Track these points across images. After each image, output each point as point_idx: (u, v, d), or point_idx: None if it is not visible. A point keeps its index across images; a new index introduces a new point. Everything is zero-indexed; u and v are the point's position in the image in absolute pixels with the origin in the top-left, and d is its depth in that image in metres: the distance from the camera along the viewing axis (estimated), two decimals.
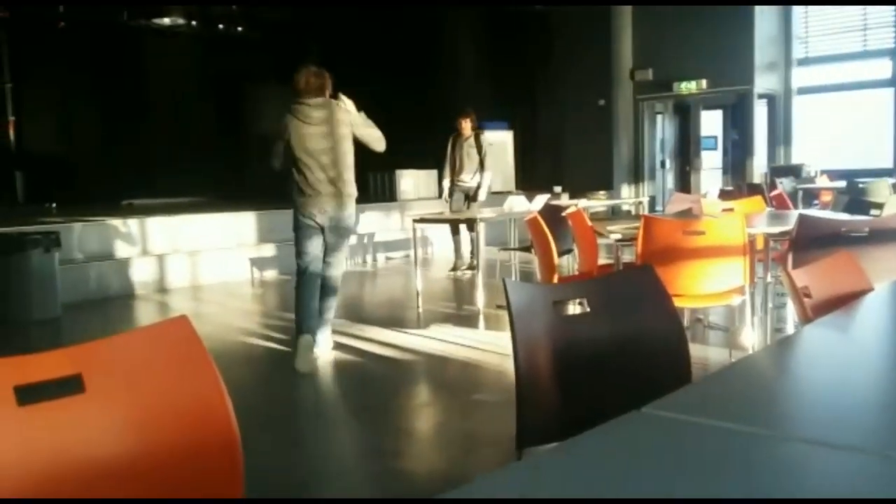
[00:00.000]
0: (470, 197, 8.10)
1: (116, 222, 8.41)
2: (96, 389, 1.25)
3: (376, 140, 4.85)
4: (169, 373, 1.34)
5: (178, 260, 8.41)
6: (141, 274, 8.04)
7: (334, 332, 5.13)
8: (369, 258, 10.10)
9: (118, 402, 1.28)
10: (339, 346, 5.29)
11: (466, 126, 8.00)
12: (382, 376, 4.66)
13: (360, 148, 4.80)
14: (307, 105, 4.66)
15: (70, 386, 1.24)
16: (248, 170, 15.83)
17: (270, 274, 9.07)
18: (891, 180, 8.89)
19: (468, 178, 8.06)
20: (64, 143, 14.18)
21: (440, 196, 8.33)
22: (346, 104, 4.84)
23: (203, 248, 8.71)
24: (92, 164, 13.85)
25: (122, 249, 8.18)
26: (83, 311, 7.09)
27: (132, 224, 8.48)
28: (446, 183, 8.16)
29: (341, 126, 4.69)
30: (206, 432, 1.31)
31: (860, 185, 8.65)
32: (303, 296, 4.71)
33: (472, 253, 8.31)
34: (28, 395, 1.20)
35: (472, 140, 8.03)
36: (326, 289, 4.80)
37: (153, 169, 14.07)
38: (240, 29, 15.08)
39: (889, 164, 11.93)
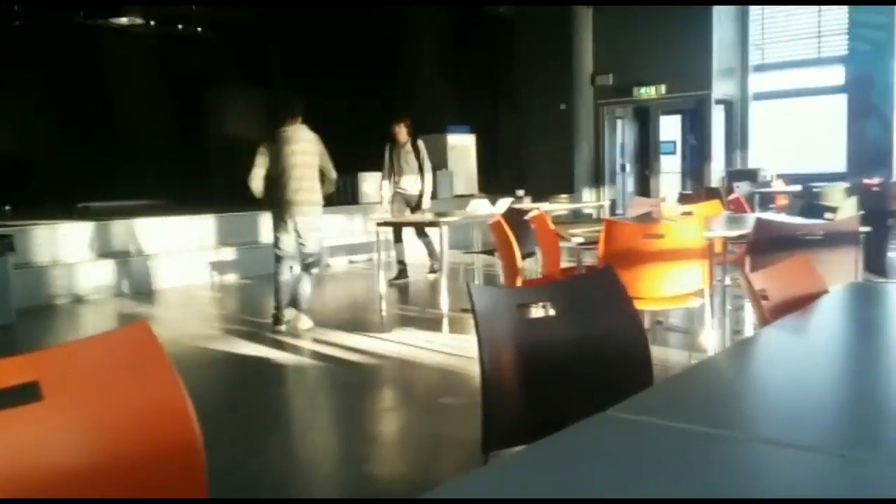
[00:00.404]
0: (413, 205, 8.06)
1: (72, 225, 8.25)
2: (54, 397, 1.23)
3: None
4: (129, 379, 1.32)
5: (136, 264, 8.27)
6: (98, 278, 7.89)
7: (295, 335, 5.09)
8: (332, 262, 10.04)
9: (77, 410, 1.25)
10: (301, 351, 5.25)
11: (402, 132, 7.94)
12: (347, 380, 4.64)
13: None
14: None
15: (27, 393, 1.21)
16: (208, 172, 15.67)
17: (230, 277, 8.97)
18: (844, 185, 9.12)
19: (409, 186, 8.03)
20: (19, 145, 13.86)
21: (381, 203, 8.27)
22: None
23: (162, 251, 8.58)
24: (48, 166, 13.57)
25: (78, 253, 8.02)
26: (38, 317, 6.93)
27: (89, 227, 8.32)
28: (386, 192, 8.09)
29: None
30: (168, 438, 1.29)
31: (815, 190, 8.86)
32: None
33: (429, 256, 8.30)
34: None
35: (408, 146, 7.99)
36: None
37: (111, 171, 13.81)
38: (199, 29, 14.89)
39: (843, 169, 12.23)
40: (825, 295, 1.97)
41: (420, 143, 8.09)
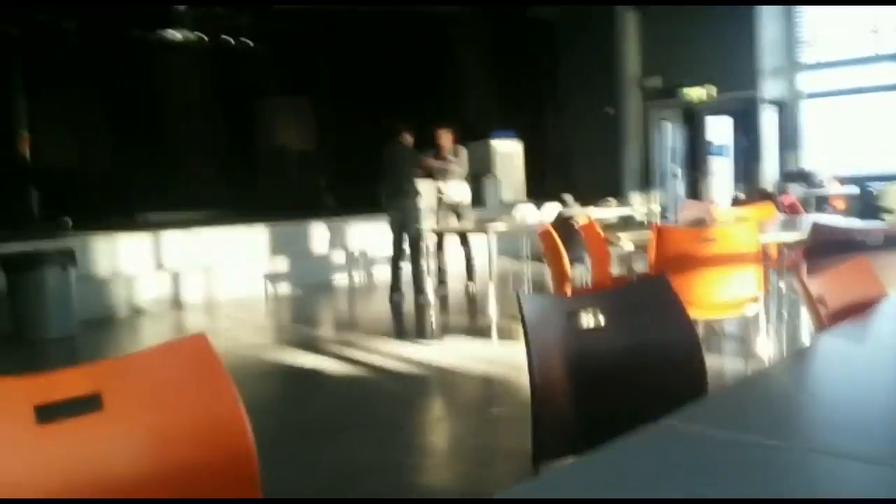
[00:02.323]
0: (459, 213, 8.02)
1: (130, 236, 8.43)
2: (115, 407, 1.26)
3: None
4: (187, 390, 1.35)
5: (192, 275, 8.43)
6: (156, 290, 8.06)
7: (348, 345, 5.14)
8: (382, 270, 10.10)
9: (136, 420, 1.29)
10: (354, 361, 5.29)
11: (446, 139, 7.94)
12: (396, 390, 4.66)
13: (370, 158, 4.93)
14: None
15: (89, 404, 1.25)
16: (259, 182, 15.91)
17: (284, 288, 9.08)
18: None
19: (453, 193, 8.01)
20: (78, 158, 14.26)
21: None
22: None
23: (216, 263, 8.73)
24: (106, 178, 13.91)
25: (136, 265, 8.21)
26: (99, 329, 7.11)
27: (146, 238, 8.50)
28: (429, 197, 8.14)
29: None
30: (224, 448, 1.32)
31: (872, 190, 8.60)
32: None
33: (467, 269, 8.19)
34: (47, 413, 1.21)
35: (452, 153, 7.98)
36: None
37: (166, 182, 14.12)
38: (249, 42, 15.17)
39: None
40: (885, 299, 1.92)
41: (463, 149, 8.07)
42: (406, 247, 7.66)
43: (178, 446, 1.30)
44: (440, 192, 8.06)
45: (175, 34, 14.11)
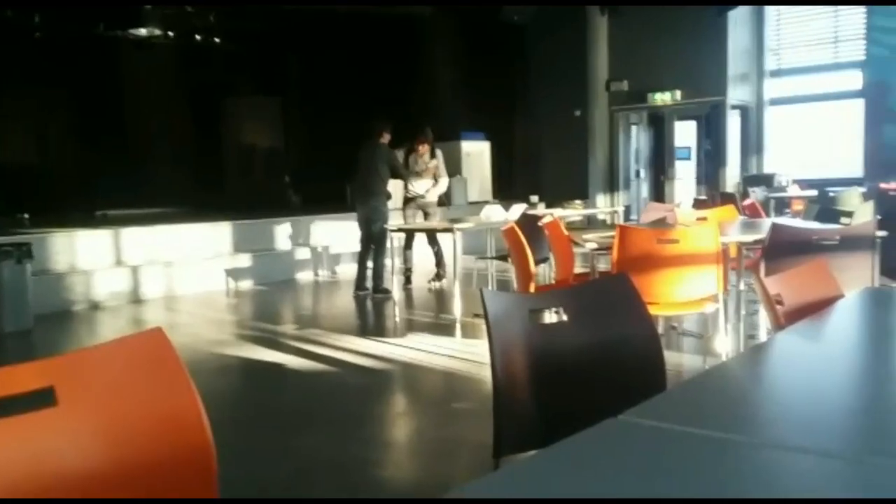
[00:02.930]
0: (428, 212, 8.07)
1: (90, 233, 8.32)
2: (69, 402, 1.24)
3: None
4: (143, 385, 1.33)
5: (152, 271, 8.33)
6: (115, 285, 7.95)
7: (310, 341, 5.11)
8: (346, 268, 10.07)
9: (91, 415, 1.26)
10: (315, 356, 5.26)
11: (424, 148, 8.01)
12: (360, 385, 4.65)
13: (336, 157, 4.91)
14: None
15: (42, 399, 1.22)
16: (225, 180, 15.76)
17: (246, 284, 9.01)
18: (860, 189, 9.05)
19: (423, 192, 8.07)
20: (38, 154, 14.01)
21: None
22: None
23: (178, 258, 8.64)
24: (66, 174, 13.69)
25: (95, 260, 8.08)
26: (56, 323, 6.99)
27: (106, 235, 8.38)
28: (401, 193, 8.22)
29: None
30: (181, 443, 1.30)
31: (831, 195, 8.79)
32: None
33: (437, 265, 8.25)
34: (0, 408, 1.18)
35: (427, 155, 8.03)
36: None
37: (129, 180, 13.91)
38: (217, 40, 14.99)
39: (859, 174, 12.13)
40: (841, 300, 1.96)
41: (438, 151, 8.11)
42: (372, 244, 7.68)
43: (134, 442, 1.28)
44: (408, 191, 8.08)
45: (142, 31, 13.90)
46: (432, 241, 8.14)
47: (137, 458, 1.27)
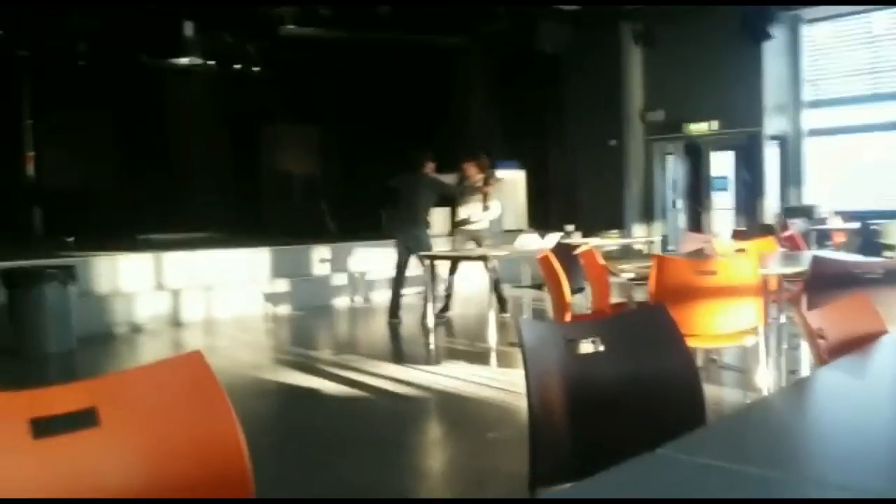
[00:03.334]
0: (479, 242, 7.94)
1: (132, 256, 8.48)
2: (110, 423, 1.26)
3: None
4: (183, 407, 1.35)
5: (192, 294, 8.45)
6: (155, 308, 8.08)
7: (346, 367, 5.13)
8: (382, 294, 10.11)
9: (132, 436, 1.28)
10: (351, 382, 5.28)
11: (470, 170, 7.94)
12: (395, 412, 4.64)
13: (373, 184, 4.96)
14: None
15: (85, 419, 1.25)
16: (263, 207, 15.98)
17: (283, 309, 9.08)
18: None
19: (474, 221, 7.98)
20: (83, 179, 14.35)
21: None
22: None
23: (217, 283, 8.75)
24: (109, 199, 14.00)
25: (136, 284, 8.23)
26: (98, 345, 7.11)
27: (147, 259, 8.54)
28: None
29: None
30: (219, 466, 1.31)
31: (873, 227, 8.62)
32: None
33: (447, 296, 8.09)
34: (43, 428, 1.21)
35: (476, 182, 7.96)
36: None
37: (169, 205, 14.19)
38: (256, 69, 15.30)
39: None
40: (885, 335, 1.92)
41: (498, 173, 8.05)
42: (408, 272, 7.68)
43: (174, 463, 1.30)
44: (458, 218, 8.02)
45: (183, 60, 14.24)
46: (453, 270, 8.04)
47: (176, 480, 1.28)
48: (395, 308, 7.76)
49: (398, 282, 7.79)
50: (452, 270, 8.04)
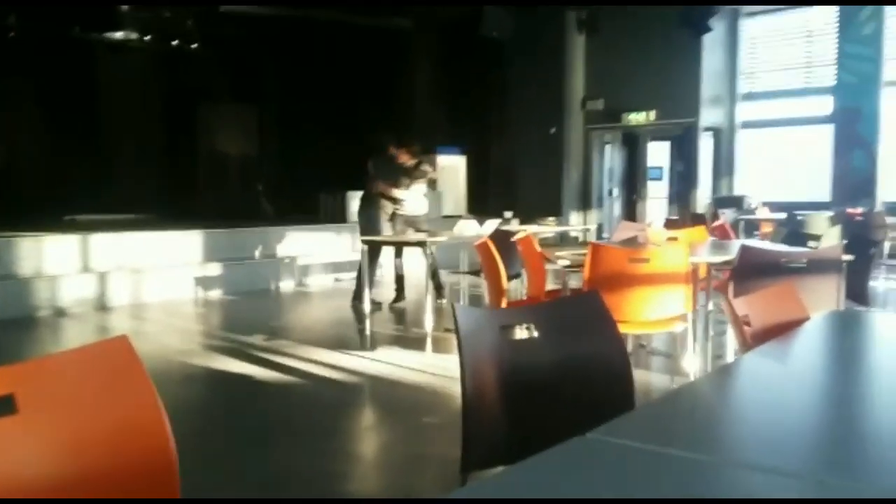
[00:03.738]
0: (416, 227, 7.90)
1: (57, 238, 8.19)
2: (30, 410, 1.22)
3: None
4: (107, 393, 1.31)
5: (119, 278, 8.21)
6: (81, 291, 7.83)
7: (279, 352, 5.06)
8: (318, 279, 10.02)
9: (52, 424, 1.24)
10: (283, 368, 5.22)
11: (402, 156, 7.86)
12: (328, 398, 4.61)
13: (311, 167, 4.88)
14: None
15: (2, 406, 1.20)
16: (197, 188, 15.63)
17: (216, 293, 8.92)
18: (828, 213, 9.20)
19: (410, 207, 7.92)
20: (6, 156, 13.80)
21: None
22: None
23: (146, 266, 8.53)
24: (35, 178, 13.51)
25: (61, 265, 7.96)
26: (19, 329, 6.86)
27: (73, 240, 8.26)
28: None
29: None
30: (144, 454, 1.28)
31: (799, 218, 8.93)
32: None
33: (398, 284, 7.99)
34: None
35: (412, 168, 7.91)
36: None
37: (98, 185, 13.76)
38: (194, 46, 14.90)
39: (827, 198, 12.34)
40: (807, 322, 1.98)
41: (425, 165, 7.95)
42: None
43: (97, 451, 1.26)
44: (394, 204, 7.89)
45: (118, 35, 13.77)
46: (398, 255, 7.98)
47: (99, 468, 1.24)
48: (358, 291, 7.65)
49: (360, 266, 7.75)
50: (398, 255, 7.97)
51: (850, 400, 1.44)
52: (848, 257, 3.76)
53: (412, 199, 7.83)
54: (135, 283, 8.30)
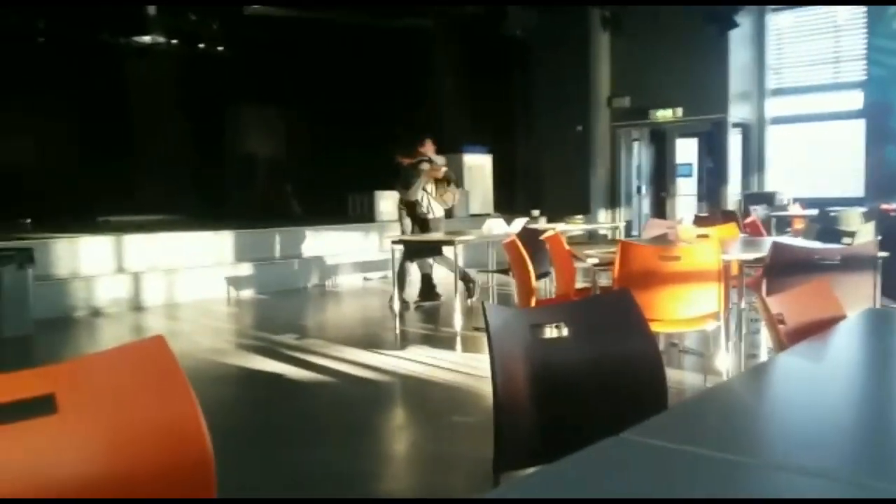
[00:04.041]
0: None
1: (92, 239, 8.32)
2: (69, 410, 1.24)
3: None
4: (144, 393, 1.33)
5: (153, 278, 8.33)
6: (116, 291, 7.95)
7: (310, 351, 5.10)
8: (347, 279, 10.07)
9: (91, 423, 1.26)
10: (315, 367, 5.25)
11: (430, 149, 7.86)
12: (359, 397, 4.64)
13: (339, 168, 4.91)
14: None
15: (42, 406, 1.22)
16: (227, 189, 15.79)
17: (247, 293, 9.00)
18: (862, 209, 9.05)
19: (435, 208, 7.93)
20: (41, 160, 14.04)
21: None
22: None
23: (179, 266, 8.64)
24: (69, 180, 13.72)
25: (97, 267, 8.09)
26: (56, 329, 6.99)
27: (107, 241, 8.39)
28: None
29: None
30: (181, 452, 1.29)
31: (832, 214, 8.79)
32: None
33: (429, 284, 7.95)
34: None
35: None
36: None
37: (131, 187, 13.96)
38: (221, 49, 15.05)
39: (860, 194, 12.14)
40: (842, 320, 1.95)
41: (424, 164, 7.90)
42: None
43: (134, 450, 1.28)
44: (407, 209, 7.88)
45: (146, 39, 13.95)
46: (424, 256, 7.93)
47: (137, 467, 1.26)
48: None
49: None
50: (425, 255, 7.90)
51: (888, 400, 1.41)
52: (883, 254, 3.69)
53: (424, 201, 7.77)
54: (168, 284, 8.41)
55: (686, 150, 13.95)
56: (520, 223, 7.31)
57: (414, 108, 14.14)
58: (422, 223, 7.80)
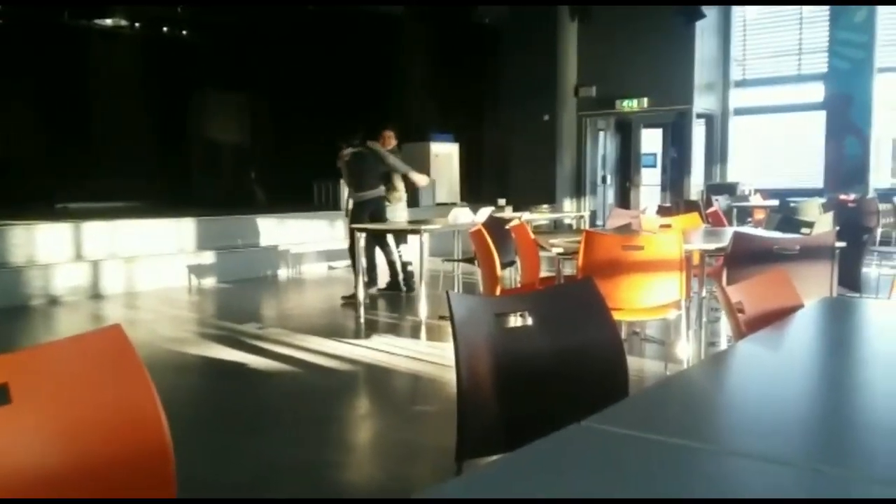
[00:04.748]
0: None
1: (50, 226, 8.15)
2: (24, 400, 1.21)
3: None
4: (101, 382, 1.30)
5: (113, 266, 8.19)
6: (74, 279, 7.80)
7: (273, 340, 5.05)
8: (311, 267, 10.01)
9: (46, 413, 1.24)
10: (277, 356, 5.22)
11: (389, 140, 7.86)
12: (322, 387, 4.62)
13: (304, 155, 4.89)
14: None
15: None
16: (190, 176, 15.58)
17: (209, 281, 8.90)
18: (821, 200, 9.22)
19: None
20: None
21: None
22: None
23: (140, 254, 8.51)
24: (26, 165, 13.43)
25: (53, 254, 7.93)
26: (12, 318, 6.84)
27: (66, 228, 8.23)
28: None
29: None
30: (139, 443, 1.28)
31: (792, 205, 8.95)
32: None
33: (405, 271, 7.95)
34: None
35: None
36: None
37: (90, 173, 13.70)
38: (184, 32, 14.81)
39: (820, 185, 12.38)
40: (800, 309, 1.99)
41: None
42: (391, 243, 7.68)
43: (91, 440, 1.25)
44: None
45: (108, 22, 13.68)
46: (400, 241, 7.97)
47: (94, 457, 1.24)
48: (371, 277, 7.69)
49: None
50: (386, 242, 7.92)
51: (844, 387, 1.44)
52: (840, 244, 3.77)
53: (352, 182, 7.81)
54: (128, 272, 8.28)
55: (651, 141, 14.09)
56: (486, 212, 7.32)
57: (382, 95, 14.07)
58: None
